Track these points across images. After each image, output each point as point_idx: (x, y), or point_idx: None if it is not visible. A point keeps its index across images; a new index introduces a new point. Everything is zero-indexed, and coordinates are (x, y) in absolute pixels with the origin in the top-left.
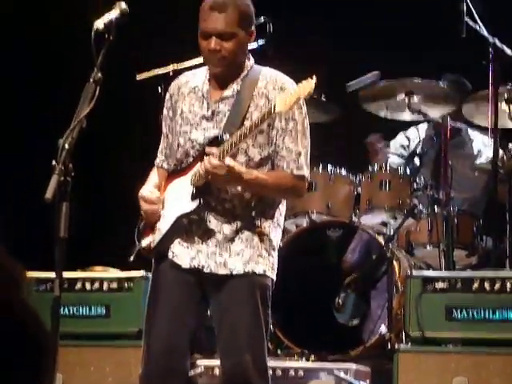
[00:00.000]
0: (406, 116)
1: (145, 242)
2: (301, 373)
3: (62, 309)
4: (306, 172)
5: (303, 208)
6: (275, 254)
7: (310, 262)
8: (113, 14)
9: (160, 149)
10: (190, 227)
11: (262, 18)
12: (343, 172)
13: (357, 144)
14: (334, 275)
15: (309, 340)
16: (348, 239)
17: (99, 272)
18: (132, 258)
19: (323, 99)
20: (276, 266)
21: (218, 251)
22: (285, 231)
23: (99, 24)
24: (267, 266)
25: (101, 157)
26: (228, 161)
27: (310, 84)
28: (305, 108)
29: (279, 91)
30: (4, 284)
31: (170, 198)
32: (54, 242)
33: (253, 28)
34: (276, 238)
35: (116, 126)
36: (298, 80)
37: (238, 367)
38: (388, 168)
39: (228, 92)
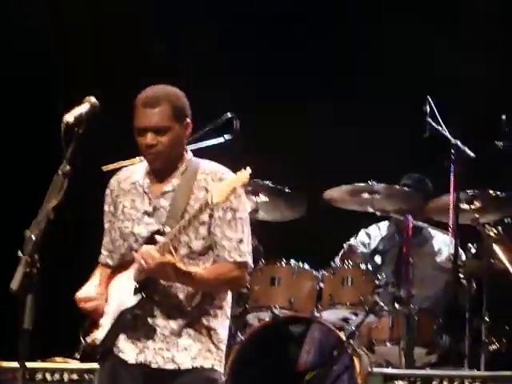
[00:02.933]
0: (371, 211)
1: (89, 339)
2: None
3: None
4: (248, 258)
5: (266, 302)
6: (223, 346)
7: (272, 357)
8: (83, 108)
9: (103, 244)
10: (135, 323)
11: (229, 113)
12: (306, 267)
13: (320, 239)
14: (295, 371)
15: None
16: (310, 337)
17: (60, 363)
18: (78, 355)
19: (287, 190)
20: (224, 359)
21: (165, 346)
22: (247, 325)
23: (69, 118)
24: (216, 360)
25: (70, 247)
26: (168, 256)
27: (244, 175)
28: (244, 197)
29: (218, 183)
30: None
31: (113, 294)
32: (17, 332)
33: (188, 120)
34: (224, 331)
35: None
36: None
37: None
38: (350, 264)
39: (168, 187)
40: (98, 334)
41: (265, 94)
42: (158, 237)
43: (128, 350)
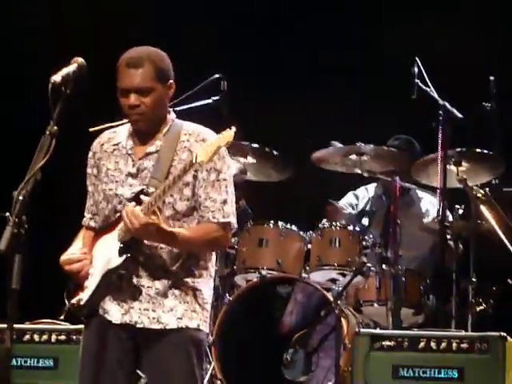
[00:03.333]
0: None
1: (74, 300)
2: None
3: None
4: (232, 219)
5: (254, 264)
6: (208, 306)
7: (260, 318)
8: (70, 68)
9: (86, 207)
10: (120, 283)
11: (217, 74)
12: (294, 228)
13: (308, 201)
14: (282, 333)
15: None
16: (297, 297)
17: (48, 324)
18: (62, 317)
19: (275, 153)
20: (209, 319)
21: (151, 307)
22: (235, 286)
23: (56, 77)
24: (201, 320)
25: (54, 209)
26: (152, 217)
27: (229, 134)
28: (228, 158)
29: (201, 144)
30: None
31: (98, 255)
32: (5, 293)
33: (171, 81)
34: (209, 291)
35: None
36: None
37: None
38: (338, 225)
39: (151, 148)
40: (83, 295)
41: (253, 55)
42: (142, 197)
43: (113, 311)
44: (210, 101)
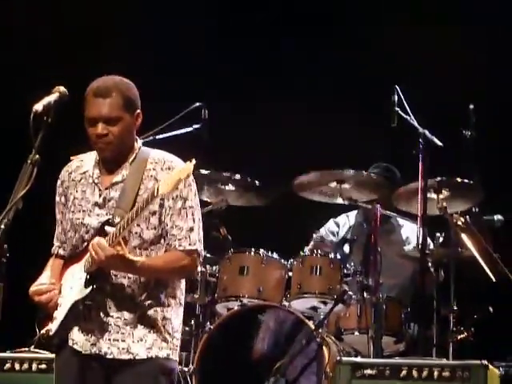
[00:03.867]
0: (339, 200)
1: (44, 330)
2: None
3: None
4: (199, 246)
5: (235, 292)
6: (178, 335)
7: (241, 346)
8: (52, 97)
9: (56, 235)
10: (88, 314)
11: (198, 103)
12: (275, 256)
13: (289, 229)
14: (264, 360)
15: None
16: (279, 325)
17: (28, 353)
18: (33, 347)
19: (257, 184)
20: (178, 347)
21: (120, 337)
22: (216, 314)
23: (38, 106)
24: (171, 349)
25: (36, 237)
26: (118, 248)
27: (188, 167)
28: (194, 186)
29: (167, 172)
30: None
31: (66, 285)
32: None
33: (138, 111)
34: (179, 319)
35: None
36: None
37: None
38: (319, 253)
39: (118, 177)
40: (52, 326)
41: (234, 84)
42: (107, 228)
43: (82, 342)
44: (191, 129)
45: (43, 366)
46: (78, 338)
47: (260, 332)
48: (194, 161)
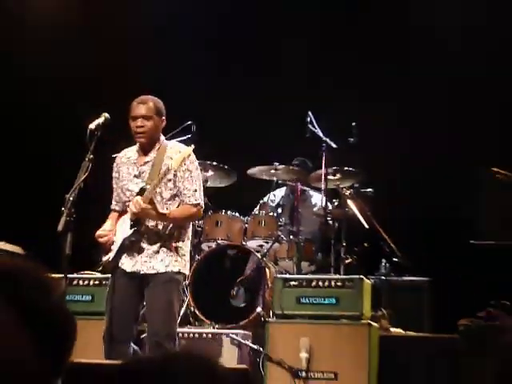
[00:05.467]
0: (275, 180)
1: (104, 259)
2: (209, 335)
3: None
4: (201, 201)
5: (213, 236)
6: (187, 257)
7: (217, 269)
8: (100, 119)
9: (113, 197)
10: (131, 246)
11: (189, 121)
12: (237, 214)
13: (245, 198)
14: (231, 277)
15: (215, 316)
16: (240, 256)
17: (87, 274)
18: (100, 269)
19: (226, 167)
20: (188, 264)
21: (148, 260)
22: (202, 250)
23: (92, 126)
24: (180, 266)
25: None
26: (148, 203)
27: (189, 149)
28: (196, 163)
29: (177, 153)
30: (45, 287)
31: (119, 229)
32: (61, 257)
33: (163, 118)
34: (187, 247)
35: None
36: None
37: (154, 335)
38: (263, 212)
39: (148, 158)
40: (110, 255)
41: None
42: (145, 190)
43: (127, 264)
44: (183, 138)
45: (97, 282)
46: (124, 261)
47: (228, 260)
48: (192, 146)
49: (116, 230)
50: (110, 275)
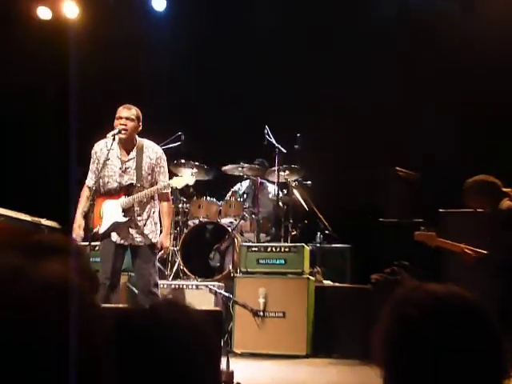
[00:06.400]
0: (242, 174)
1: (94, 230)
2: (194, 286)
3: None
4: (168, 190)
5: (196, 215)
6: (158, 229)
7: (200, 239)
8: (112, 133)
9: (90, 176)
10: (122, 227)
11: (179, 132)
12: (214, 200)
13: (220, 187)
14: (210, 245)
15: (198, 272)
16: (216, 229)
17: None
18: (91, 240)
19: (205, 166)
20: (159, 232)
21: (135, 235)
22: (188, 226)
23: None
24: (158, 238)
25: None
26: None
27: (160, 150)
28: (165, 163)
29: (154, 152)
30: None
31: (107, 210)
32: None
33: (140, 123)
34: (158, 223)
35: None
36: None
37: (145, 287)
38: (233, 199)
39: (131, 156)
40: (100, 229)
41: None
42: (134, 186)
43: (116, 238)
44: (175, 144)
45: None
46: (114, 235)
47: (208, 232)
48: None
49: (103, 209)
50: (99, 242)
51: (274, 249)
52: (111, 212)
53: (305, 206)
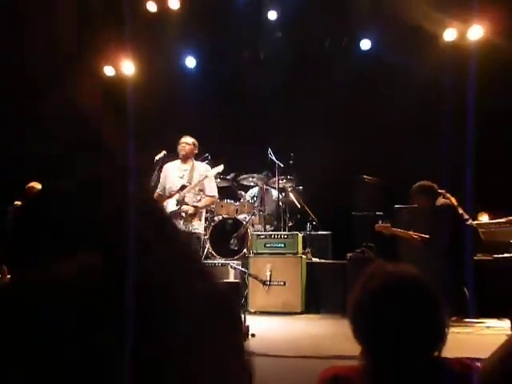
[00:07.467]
0: (252, 183)
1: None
2: (220, 264)
3: None
4: (216, 195)
5: (220, 213)
6: (203, 222)
7: (223, 230)
8: (161, 154)
9: (159, 188)
10: (174, 214)
11: (207, 154)
12: (232, 201)
13: (236, 193)
14: (230, 234)
15: (222, 254)
16: (234, 223)
17: None
18: None
19: (227, 177)
20: (203, 228)
21: (185, 223)
22: (214, 220)
23: (157, 157)
24: (201, 229)
25: None
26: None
27: (211, 170)
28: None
29: (205, 171)
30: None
31: (169, 203)
32: None
33: (196, 148)
34: (203, 219)
35: None
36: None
37: None
38: (247, 201)
39: (187, 167)
40: None
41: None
42: (185, 186)
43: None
44: (204, 162)
45: None
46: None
47: (228, 225)
48: (222, 166)
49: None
50: None
51: (276, 236)
52: (169, 205)
53: (298, 204)
